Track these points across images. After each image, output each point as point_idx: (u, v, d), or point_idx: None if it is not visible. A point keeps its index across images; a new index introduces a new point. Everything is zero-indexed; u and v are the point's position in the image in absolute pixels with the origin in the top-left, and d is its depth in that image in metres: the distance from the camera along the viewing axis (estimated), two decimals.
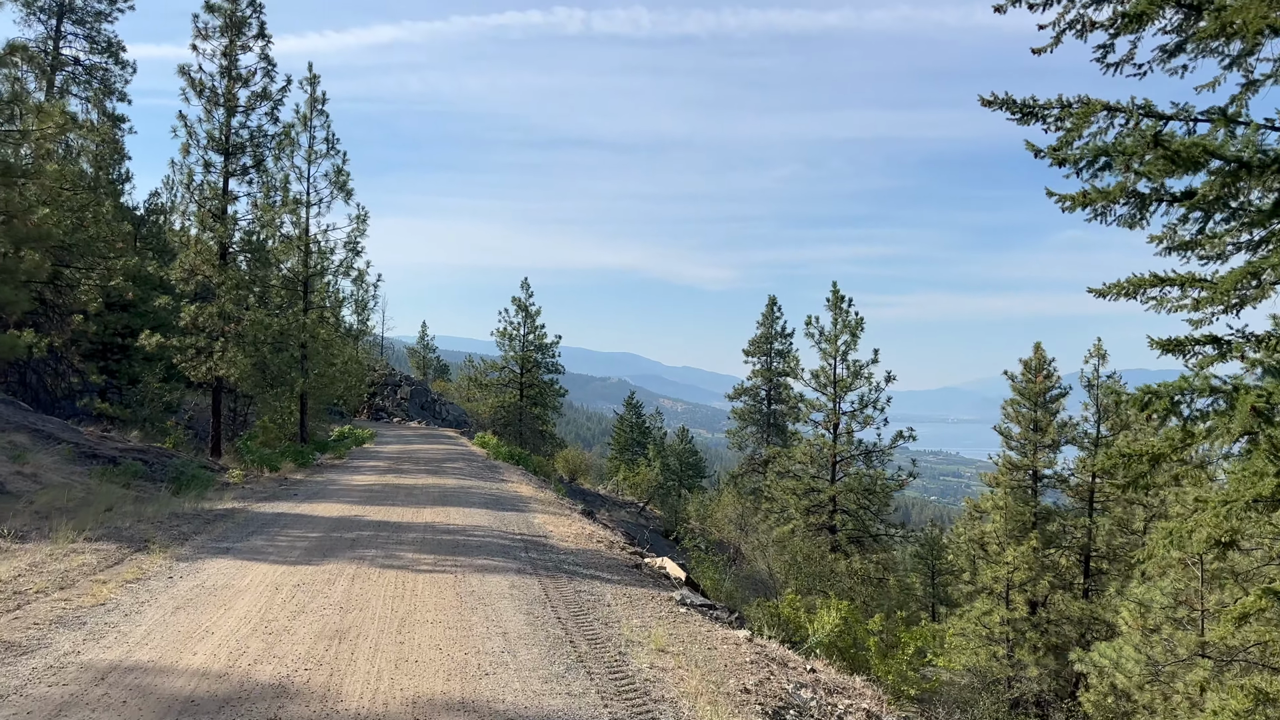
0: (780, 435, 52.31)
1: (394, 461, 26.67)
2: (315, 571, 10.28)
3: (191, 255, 27.12)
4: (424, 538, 12.81)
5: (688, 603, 9.83)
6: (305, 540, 12.43)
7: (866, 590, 29.44)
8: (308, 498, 17.60)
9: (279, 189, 26.45)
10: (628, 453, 63.40)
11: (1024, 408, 33.59)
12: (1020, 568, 27.54)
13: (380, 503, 16.88)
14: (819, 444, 32.58)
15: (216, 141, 27.96)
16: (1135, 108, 10.96)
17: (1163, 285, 12.06)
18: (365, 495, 18.10)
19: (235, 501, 16.54)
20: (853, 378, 32.72)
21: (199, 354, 27.49)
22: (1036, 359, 33.75)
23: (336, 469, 24.21)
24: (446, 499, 17.77)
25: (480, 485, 21.07)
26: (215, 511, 14.86)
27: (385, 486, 19.86)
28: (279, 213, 25.69)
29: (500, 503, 17.75)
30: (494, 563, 11.05)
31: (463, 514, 15.49)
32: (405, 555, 11.42)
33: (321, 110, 27.18)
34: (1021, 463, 33.66)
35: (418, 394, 60.26)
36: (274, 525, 13.77)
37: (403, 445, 34.65)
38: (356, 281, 27.39)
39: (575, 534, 13.96)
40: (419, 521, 14.43)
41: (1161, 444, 11.85)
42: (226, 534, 12.77)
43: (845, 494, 32.51)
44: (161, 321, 28.76)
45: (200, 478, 18.96)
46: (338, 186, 26.79)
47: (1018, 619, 27.84)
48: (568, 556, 11.87)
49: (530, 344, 48.87)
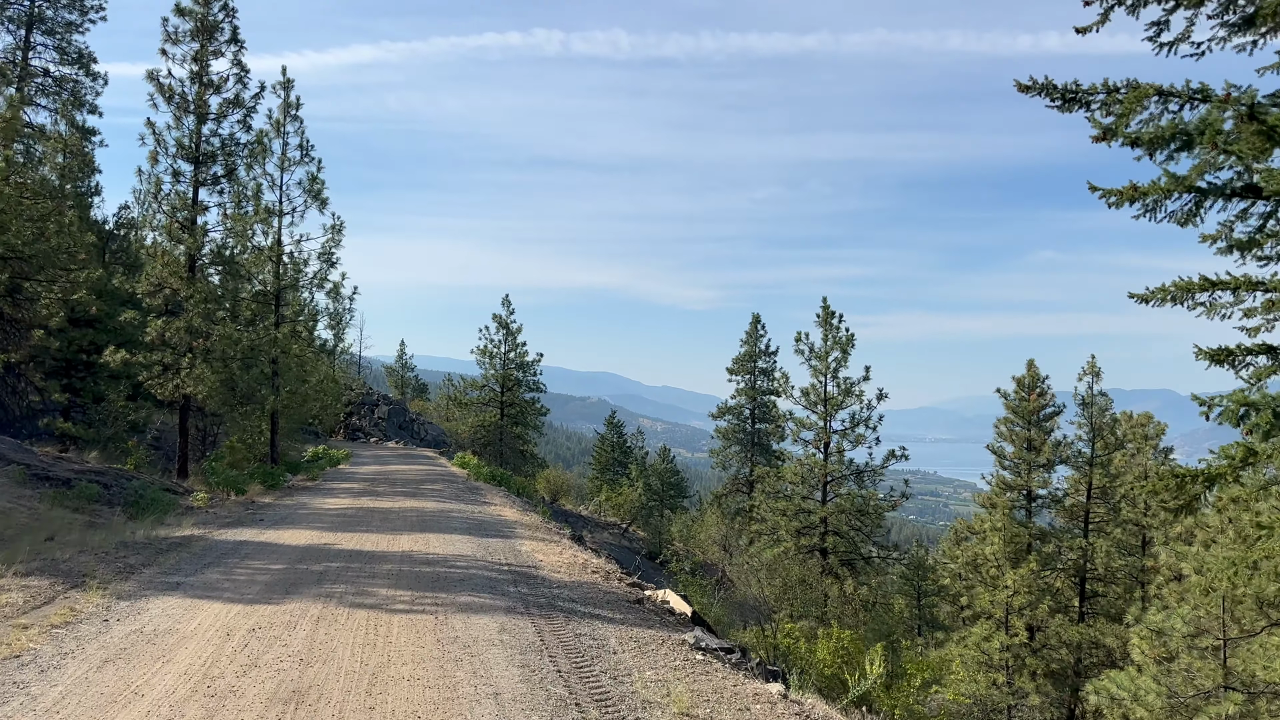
0: (765, 455, 51.04)
1: (370, 483, 25.17)
2: (275, 612, 8.86)
3: (159, 267, 25.60)
4: (400, 570, 11.39)
5: (703, 647, 8.49)
6: (267, 573, 10.99)
7: (865, 616, 28.17)
8: (275, 523, 16.12)
9: (251, 198, 24.99)
10: (609, 472, 61.94)
11: (1018, 426, 32.51)
12: (1020, 591, 26.33)
13: (353, 529, 15.44)
14: (810, 463, 31.30)
15: (186, 150, 26.48)
16: (1190, 92, 9.78)
17: (1214, 289, 10.87)
18: (337, 520, 16.64)
19: (195, 528, 15.06)
20: (844, 395, 31.50)
21: (166, 371, 25.92)
22: (1030, 376, 32.71)
23: (308, 491, 22.70)
24: (425, 524, 16.33)
25: (461, 509, 19.63)
26: (170, 540, 13.38)
27: (359, 510, 18.39)
28: (250, 223, 24.21)
29: (484, 528, 16.33)
30: (480, 600, 9.66)
31: (443, 541, 14.07)
32: (379, 591, 10.01)
33: (295, 116, 25.77)
34: (1015, 482, 32.55)
35: (395, 413, 58.61)
36: (234, 555, 12.31)
37: (379, 466, 33.09)
38: (331, 295, 25.94)
39: (567, 563, 12.58)
40: (395, 550, 13.01)
41: (1219, 464, 10.60)
42: (179, 566, 11.31)
43: (837, 515, 31.23)
44: (128, 337, 27.16)
45: (160, 501, 17.44)
46: (312, 195, 25.32)
47: (1017, 644, 26.61)
48: (562, 591, 10.49)
49: (511, 362, 47.43)
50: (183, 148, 26.49)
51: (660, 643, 8.37)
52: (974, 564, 29.86)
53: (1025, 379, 32.65)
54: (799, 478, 31.54)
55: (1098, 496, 31.35)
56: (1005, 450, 33.11)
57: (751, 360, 50.89)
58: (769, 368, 50.97)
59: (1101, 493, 31.40)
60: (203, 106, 26.48)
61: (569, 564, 12.54)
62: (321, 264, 25.36)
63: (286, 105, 25.68)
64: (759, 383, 50.77)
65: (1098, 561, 28.84)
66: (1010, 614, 27.03)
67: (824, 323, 32.23)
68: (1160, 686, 17.29)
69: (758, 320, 51.62)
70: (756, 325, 51.36)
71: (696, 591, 28.72)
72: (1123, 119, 9.93)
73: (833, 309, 32.10)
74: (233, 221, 24.54)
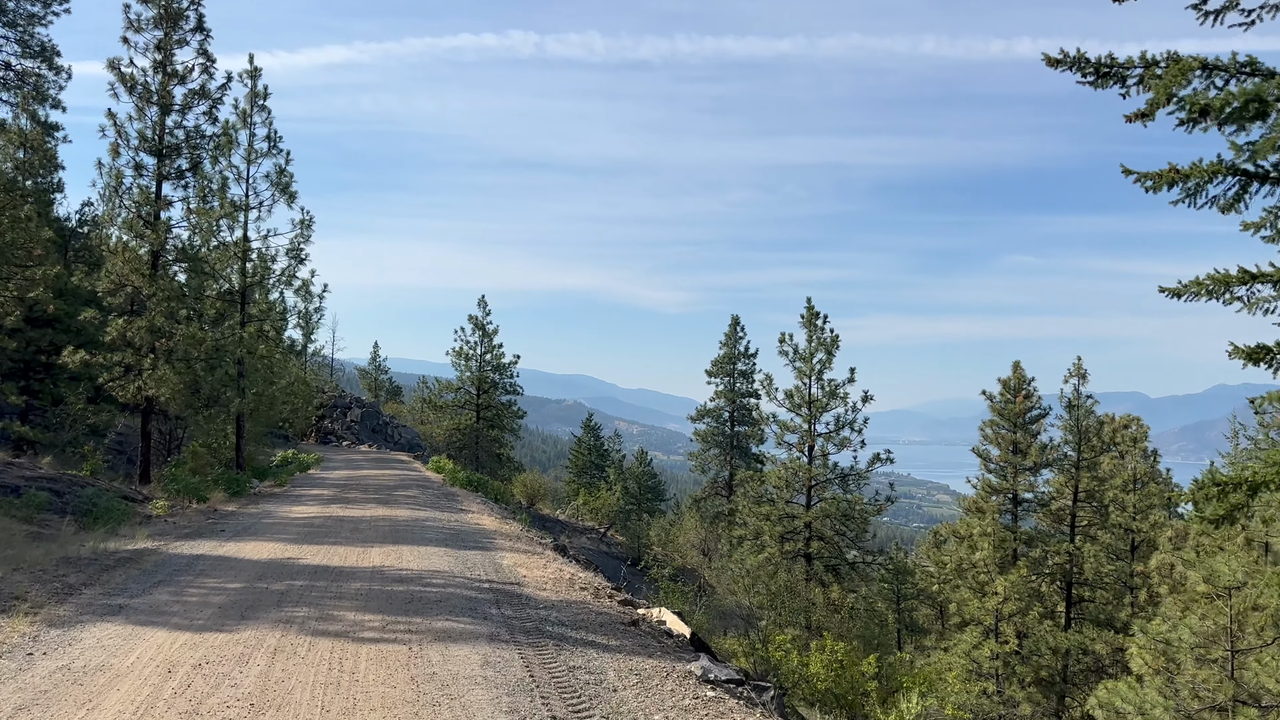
0: (744, 458, 50.16)
1: (340, 489, 23.97)
2: (227, 642, 7.75)
3: (120, 264, 24.29)
4: (370, 589, 10.29)
5: (712, 679, 7.47)
6: (222, 594, 9.87)
7: (854, 624, 27.28)
8: (237, 534, 14.94)
9: (216, 193, 23.73)
10: (586, 476, 60.82)
11: (1003, 429, 31.72)
12: (1011, 598, 25.51)
13: (321, 540, 14.29)
14: (794, 467, 30.37)
15: (149, 142, 25.19)
16: (1238, 65, 8.87)
17: (1254, 281, 9.96)
18: (304, 531, 15.48)
19: (150, 539, 13.87)
20: (828, 398, 30.61)
21: (127, 372, 24.61)
22: (1015, 378, 31.94)
23: (275, 499, 21.48)
24: (399, 535, 15.21)
25: (437, 517, 18.50)
26: (120, 554, 12.21)
27: (328, 520, 17.23)
28: (215, 217, 22.95)
29: (461, 539, 15.22)
30: (459, 625, 8.58)
31: (418, 555, 12.97)
32: (346, 615, 8.92)
33: (263, 106, 24.49)
34: (1001, 486, 31.76)
35: (369, 416, 57.20)
36: (188, 572, 11.16)
37: (351, 471, 31.83)
38: (300, 293, 24.70)
39: (553, 579, 11.52)
40: (365, 566, 11.89)
41: (1266, 470, 9.68)
42: (125, 585, 10.17)
43: (822, 520, 30.32)
44: (88, 337, 25.81)
45: (114, 510, 16.20)
46: (280, 188, 24.07)
47: (1007, 652, 25.77)
48: (550, 613, 9.44)
49: (487, 364, 46.23)
50: (145, 140, 25.21)
51: (664, 675, 7.33)
52: (960, 569, 29.06)
53: (1011, 381, 31.87)
54: (783, 481, 30.59)
55: (1084, 500, 30.61)
56: (991, 453, 32.32)
57: (731, 362, 49.98)
58: (748, 370, 50.10)
59: (1088, 496, 30.67)
60: (166, 97, 25.22)
61: (554, 580, 11.48)
62: (290, 260, 24.13)
63: (253, 95, 24.43)
64: (738, 385, 49.87)
65: (1086, 567, 28.06)
66: (1000, 621, 26.21)
67: (808, 324, 31.35)
68: (1167, 700, 16.44)
69: (737, 322, 50.73)
70: (735, 327, 50.46)
71: (679, 599, 27.72)
72: (1160, 94, 9.01)
73: (817, 310, 31.22)
74: (197, 216, 23.28)
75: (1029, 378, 31.81)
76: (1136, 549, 28.68)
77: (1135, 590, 27.46)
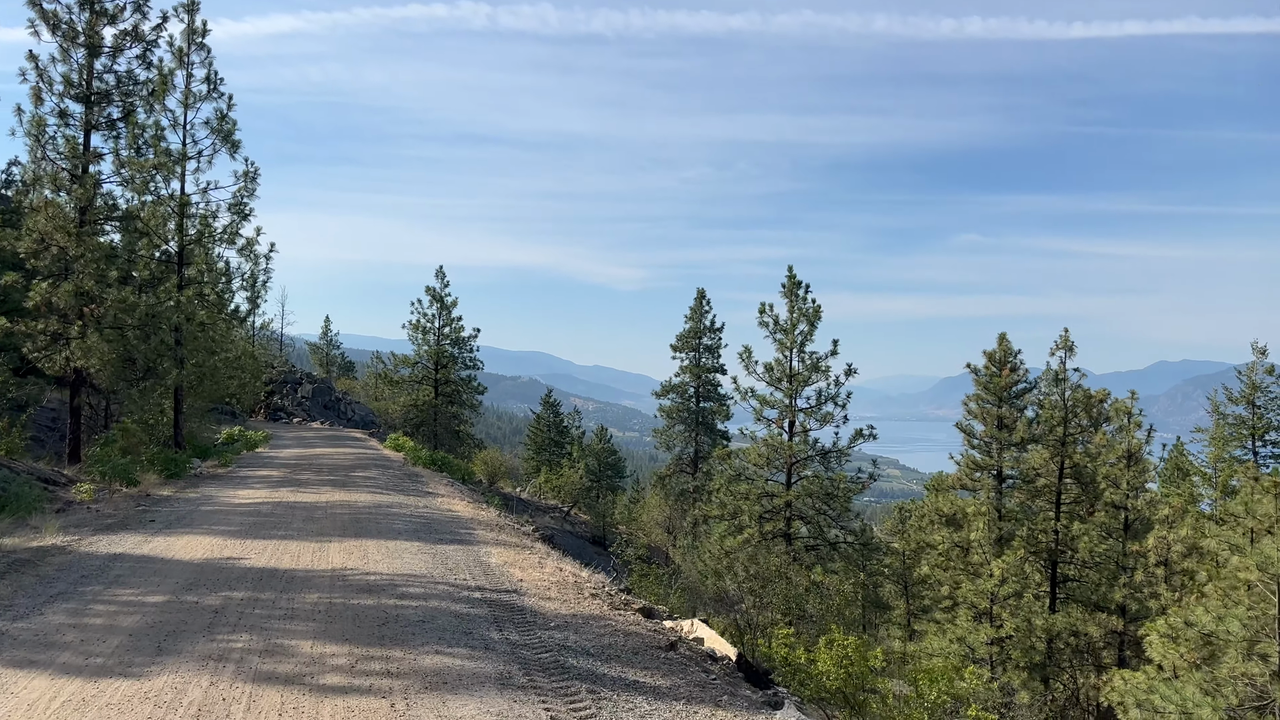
0: (710, 434, 48.16)
1: (291, 470, 21.40)
2: (130, 698, 5.39)
3: (43, 221, 21.42)
4: (331, 603, 7.93)
5: None
6: (138, 612, 7.46)
7: (829, 604, 25.43)
8: (168, 525, 12.44)
9: (151, 143, 20.89)
10: (545, 453, 58.47)
11: (988, 403, 29.95)
12: (1008, 580, 23.80)
13: (268, 533, 11.85)
14: (775, 444, 28.32)
15: (75, 88, 22.26)
16: None
17: None
18: (249, 521, 13.00)
19: (61, 533, 11.34)
20: (810, 371, 28.58)
21: (54, 341, 21.81)
22: (1001, 351, 30.14)
23: (218, 481, 18.89)
24: (361, 526, 12.81)
25: (403, 502, 16.09)
26: (19, 554, 9.71)
27: (277, 507, 14.74)
28: (148, 166, 20.14)
29: (434, 529, 12.86)
30: (455, 661, 6.28)
31: (386, 552, 10.60)
32: (300, 647, 6.56)
33: (202, 44, 21.58)
34: (985, 462, 30.05)
35: (320, 392, 54.15)
36: (98, 579, 8.72)
37: (303, 449, 29.13)
38: (244, 252, 21.89)
39: (555, 583, 9.26)
40: (323, 568, 9.51)
41: None
42: (12, 600, 7.72)
43: (803, 498, 28.36)
44: (11, 304, 22.91)
45: (24, 497, 13.59)
46: (221, 136, 21.24)
47: (1002, 637, 24.07)
48: (566, 635, 7.17)
49: (446, 337, 43.53)
50: (71, 85, 22.29)
51: None
52: (949, 551, 27.35)
53: (996, 354, 30.06)
54: (764, 459, 28.52)
55: (1070, 476, 28.99)
56: (975, 429, 30.57)
57: (696, 337, 47.81)
58: (714, 345, 47.99)
59: (1075, 472, 29.07)
60: (94, 38, 22.29)
61: (557, 584, 9.22)
62: (233, 216, 21.33)
63: (191, 31, 21.55)
64: (704, 360, 47.74)
65: (1081, 546, 26.41)
66: (994, 604, 24.51)
67: (789, 294, 29.25)
68: (1216, 700, 14.66)
69: (703, 296, 48.56)
70: (701, 301, 48.29)
71: (655, 583, 25.67)
72: None
73: (799, 279, 29.16)
74: (129, 168, 20.45)
75: (1015, 350, 30.09)
76: (1129, 526, 27.10)
77: (1130, 571, 25.87)
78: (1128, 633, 26.03)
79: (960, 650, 24.32)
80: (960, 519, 28.41)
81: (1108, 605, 26.43)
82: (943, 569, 26.43)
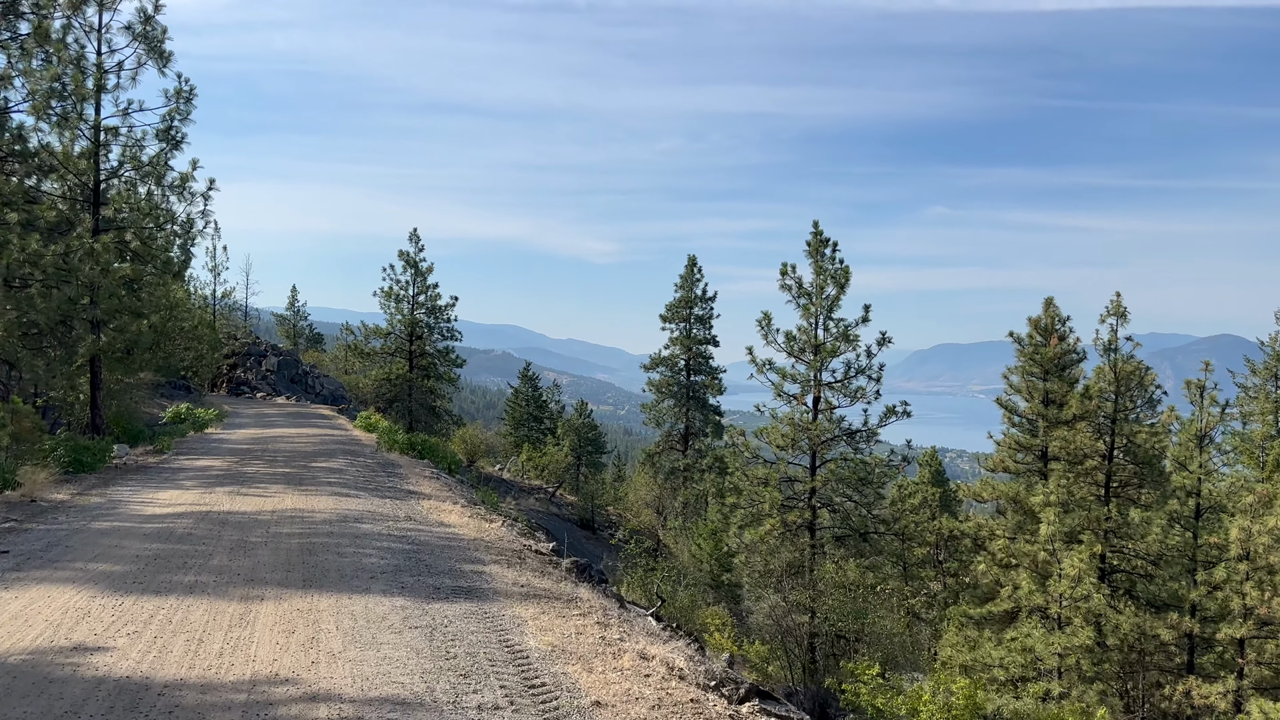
0: (702, 409, 43.91)
1: (240, 459, 16.79)
2: None
3: None
4: None
5: None
6: None
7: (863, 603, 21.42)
8: (25, 560, 7.91)
9: (57, 54, 16.05)
10: (524, 429, 54.01)
11: (1034, 376, 25.94)
12: (1084, 579, 19.84)
13: (166, 581, 7.34)
14: (802, 423, 24.06)
15: None
16: None
17: None
18: (147, 552, 8.46)
19: None
20: (838, 340, 24.30)
21: None
22: (1048, 318, 26.10)
23: (142, 475, 14.28)
24: (315, 562, 8.31)
25: (377, 511, 11.57)
26: None
27: (201, 521, 10.20)
28: (52, 76, 15.32)
29: (425, 566, 8.41)
30: None
31: (351, 630, 6.15)
32: None
33: None
34: (1030, 443, 26.11)
35: (286, 365, 49.13)
36: None
37: (260, 430, 24.39)
38: (177, 189, 17.12)
39: (655, 701, 4.88)
40: (236, 678, 5.06)
41: None
42: None
43: (833, 484, 24.21)
44: None
45: None
46: (148, 45, 16.41)
47: (1077, 646, 20.09)
48: None
49: (421, 306, 38.79)
50: None
51: None
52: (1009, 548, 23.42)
53: (1042, 321, 26.07)
54: (789, 440, 24.23)
55: (1126, 457, 25.10)
56: (1018, 405, 26.61)
57: (687, 306, 43.44)
58: (706, 315, 43.68)
59: (1129, 452, 25.16)
60: None
61: (658, 702, 4.84)
62: (162, 145, 16.56)
63: None
64: (695, 330, 43.42)
65: (1150, 538, 22.50)
66: (1064, 607, 20.55)
67: (814, 253, 24.89)
68: None
69: (694, 263, 44.16)
70: (692, 268, 43.91)
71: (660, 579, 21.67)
72: None
73: (826, 236, 24.83)
74: (29, 82, 15.67)
75: (1064, 316, 26.06)
76: (1201, 514, 23.22)
77: (1210, 566, 22.00)
78: (1202, 635, 22.29)
79: (1024, 660, 20.36)
80: (1008, 508, 24.45)
81: (1179, 604, 22.64)
82: (1002, 566, 22.40)
